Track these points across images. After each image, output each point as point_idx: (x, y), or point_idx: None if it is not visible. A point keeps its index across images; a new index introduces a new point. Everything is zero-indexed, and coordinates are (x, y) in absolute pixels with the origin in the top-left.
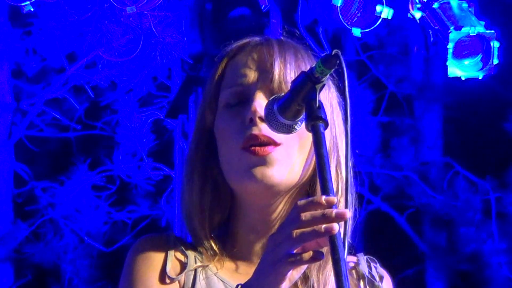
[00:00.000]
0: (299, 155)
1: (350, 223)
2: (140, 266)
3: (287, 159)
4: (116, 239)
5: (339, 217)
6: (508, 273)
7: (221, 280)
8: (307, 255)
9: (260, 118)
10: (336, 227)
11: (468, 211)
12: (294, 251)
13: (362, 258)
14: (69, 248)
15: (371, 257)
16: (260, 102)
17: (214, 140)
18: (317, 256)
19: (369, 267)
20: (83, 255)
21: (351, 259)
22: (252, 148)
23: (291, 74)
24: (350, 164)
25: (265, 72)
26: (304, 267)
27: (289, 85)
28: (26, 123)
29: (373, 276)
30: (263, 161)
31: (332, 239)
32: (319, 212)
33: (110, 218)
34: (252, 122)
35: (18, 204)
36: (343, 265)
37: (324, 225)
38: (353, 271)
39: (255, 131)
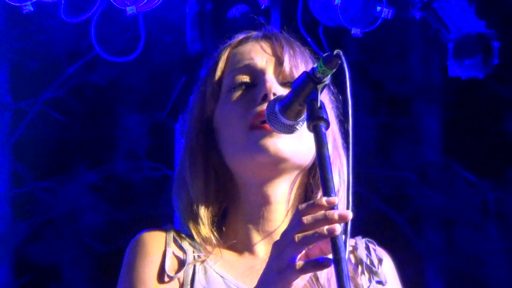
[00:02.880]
0: (308, 138)
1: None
2: (139, 264)
3: (297, 138)
4: (115, 239)
5: (341, 218)
6: (506, 274)
7: (220, 275)
8: (313, 262)
9: (274, 95)
10: (338, 228)
11: (467, 212)
12: (301, 259)
13: (360, 242)
14: (69, 248)
15: (369, 239)
16: (274, 80)
17: (213, 129)
18: (323, 263)
19: (368, 250)
20: (83, 255)
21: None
22: (262, 125)
23: (301, 63)
24: (351, 164)
25: (275, 56)
26: (309, 274)
27: (300, 71)
28: (26, 123)
29: (371, 262)
30: (274, 134)
31: (333, 239)
32: (320, 214)
33: (110, 218)
34: (266, 99)
35: (18, 204)
36: (345, 265)
37: (326, 227)
38: (351, 256)
39: None
